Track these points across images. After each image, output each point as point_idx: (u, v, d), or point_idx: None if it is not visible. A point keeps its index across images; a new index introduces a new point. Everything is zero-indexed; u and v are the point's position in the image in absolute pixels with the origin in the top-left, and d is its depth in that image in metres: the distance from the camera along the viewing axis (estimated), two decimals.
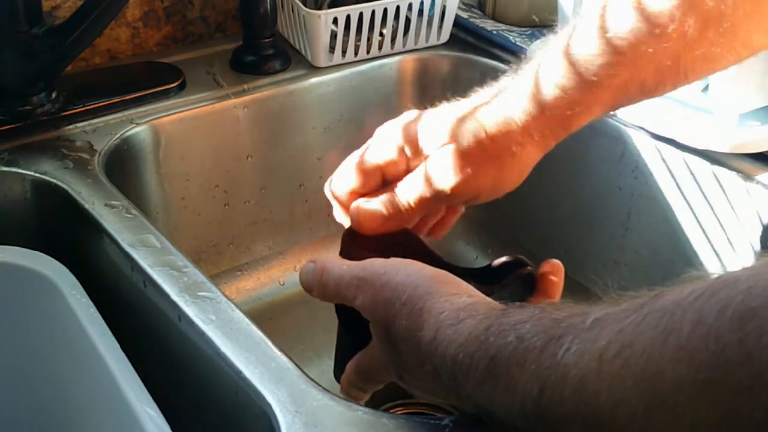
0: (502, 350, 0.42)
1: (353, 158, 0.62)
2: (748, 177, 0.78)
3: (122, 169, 0.83)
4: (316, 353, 0.88)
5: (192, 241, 0.93)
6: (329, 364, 0.88)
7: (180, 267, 0.64)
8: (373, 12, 0.95)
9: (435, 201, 0.59)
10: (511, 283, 0.57)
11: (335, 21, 0.95)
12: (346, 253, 0.58)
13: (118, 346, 0.56)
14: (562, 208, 0.96)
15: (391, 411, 0.84)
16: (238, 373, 0.54)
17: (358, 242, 0.59)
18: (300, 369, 0.55)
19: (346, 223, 0.62)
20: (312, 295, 0.55)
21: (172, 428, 0.50)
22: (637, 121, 0.85)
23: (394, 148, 0.60)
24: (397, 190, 0.59)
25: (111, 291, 0.69)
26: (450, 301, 0.47)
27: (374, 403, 0.83)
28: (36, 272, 0.63)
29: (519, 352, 0.41)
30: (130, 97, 0.87)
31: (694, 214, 0.83)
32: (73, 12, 0.81)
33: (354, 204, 0.60)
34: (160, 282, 0.62)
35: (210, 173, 0.92)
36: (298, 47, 0.99)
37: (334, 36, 0.95)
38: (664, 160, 0.84)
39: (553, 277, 0.58)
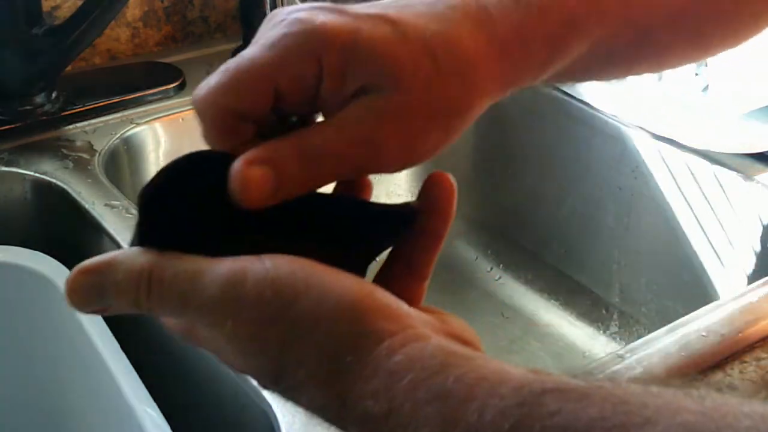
0: None
1: (238, 58, 0.38)
2: (748, 177, 0.78)
3: (122, 169, 0.83)
4: None
5: None
6: None
7: None
8: None
9: (356, 170, 0.39)
10: (376, 230, 0.40)
11: None
12: (163, 230, 0.37)
13: (118, 346, 0.56)
14: (562, 208, 0.95)
15: None
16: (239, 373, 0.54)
17: (193, 203, 0.37)
18: None
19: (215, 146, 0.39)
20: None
21: (172, 428, 0.50)
22: (637, 121, 0.85)
23: (305, 54, 0.37)
24: (301, 142, 0.37)
25: None
26: (398, 356, 0.32)
27: None
28: (36, 272, 0.63)
29: None
30: (130, 97, 0.87)
31: (694, 214, 0.83)
32: (73, 12, 0.81)
33: (237, 163, 0.36)
34: None
35: None
36: None
37: None
38: (664, 160, 0.84)
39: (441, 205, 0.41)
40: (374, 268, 0.41)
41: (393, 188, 1.04)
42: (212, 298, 0.34)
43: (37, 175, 0.76)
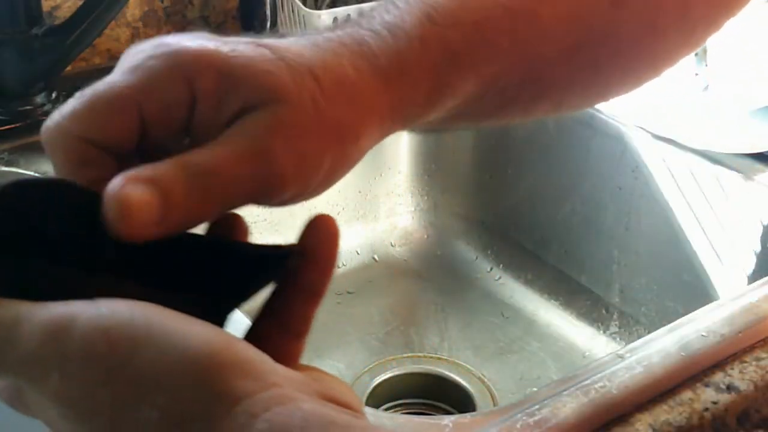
0: None
1: (96, 84, 0.34)
2: (748, 177, 0.78)
3: None
4: (316, 353, 0.88)
5: None
6: (330, 363, 0.88)
7: None
8: None
9: (250, 192, 0.34)
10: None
11: (335, 21, 0.95)
12: None
13: None
14: (562, 208, 0.95)
15: (391, 411, 0.84)
16: None
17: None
18: None
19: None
20: None
21: None
22: (637, 121, 0.85)
23: (175, 77, 0.33)
24: (188, 160, 0.32)
25: None
26: (260, 422, 0.27)
27: (374, 403, 0.84)
28: None
29: None
30: None
31: (694, 214, 0.83)
32: (73, 12, 0.81)
33: (117, 180, 0.31)
34: None
35: None
36: None
37: None
38: (664, 160, 0.84)
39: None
40: (242, 322, 0.35)
41: (392, 188, 1.04)
42: (30, 352, 0.28)
43: (37, 175, 0.76)
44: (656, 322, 0.86)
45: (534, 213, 0.98)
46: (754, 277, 0.78)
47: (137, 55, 0.33)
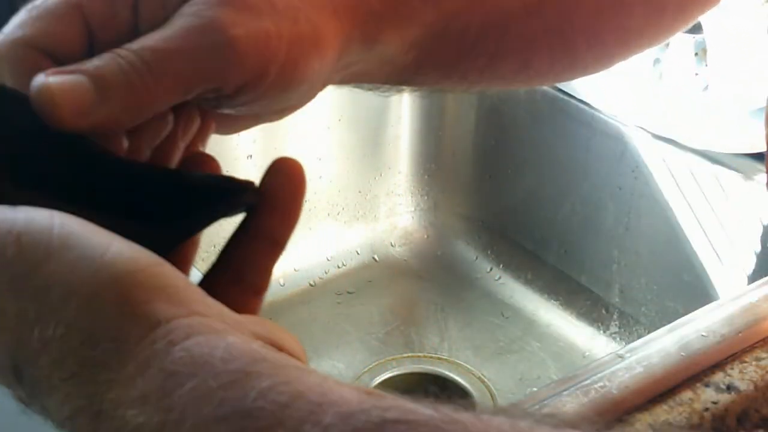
0: None
1: None
2: (748, 177, 0.78)
3: None
4: (316, 353, 0.88)
5: None
6: (330, 363, 0.88)
7: None
8: None
9: (201, 75, 0.31)
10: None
11: None
12: None
13: None
14: (562, 208, 0.95)
15: None
16: None
17: None
18: None
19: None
20: None
21: None
22: (637, 121, 0.85)
23: None
24: (126, 47, 0.31)
25: None
26: (179, 351, 0.24)
27: None
28: None
29: None
30: None
31: (694, 214, 0.83)
32: None
33: (42, 74, 0.30)
34: None
35: None
36: None
37: None
38: (664, 160, 0.84)
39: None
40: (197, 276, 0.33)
41: (392, 188, 1.04)
42: None
43: None
44: (656, 322, 0.85)
45: (534, 213, 0.98)
46: (754, 277, 0.78)
47: None
